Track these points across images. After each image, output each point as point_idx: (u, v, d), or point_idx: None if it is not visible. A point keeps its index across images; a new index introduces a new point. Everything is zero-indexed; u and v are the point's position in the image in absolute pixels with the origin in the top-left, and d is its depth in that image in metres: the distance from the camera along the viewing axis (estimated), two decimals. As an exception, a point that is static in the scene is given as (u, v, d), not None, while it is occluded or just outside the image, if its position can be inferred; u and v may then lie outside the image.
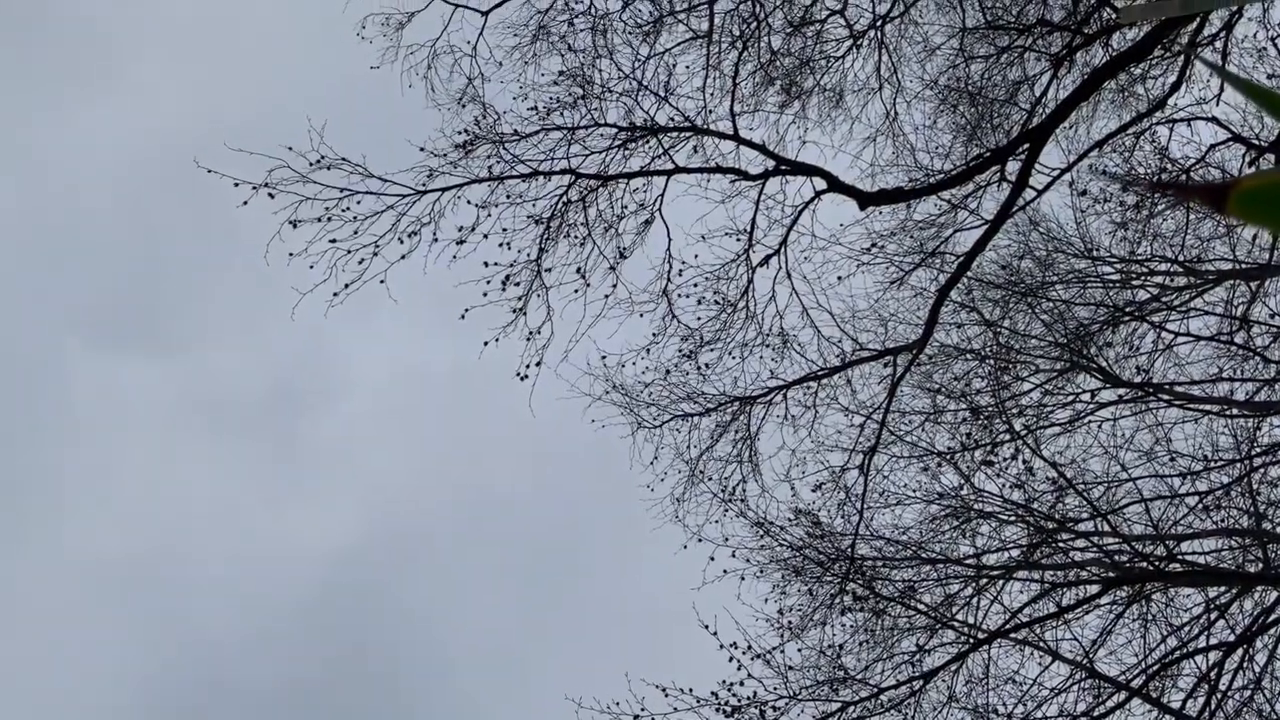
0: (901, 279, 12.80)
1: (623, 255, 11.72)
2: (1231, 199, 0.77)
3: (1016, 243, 12.93)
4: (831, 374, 12.37)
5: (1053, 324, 12.45)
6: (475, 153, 11.27)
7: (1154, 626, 11.14)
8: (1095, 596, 11.10)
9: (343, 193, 10.55)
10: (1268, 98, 1.02)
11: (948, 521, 12.03)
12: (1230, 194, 0.76)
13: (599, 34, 12.57)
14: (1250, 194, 0.77)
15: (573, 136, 11.54)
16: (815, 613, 11.83)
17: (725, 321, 12.21)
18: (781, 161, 11.54)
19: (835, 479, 12.28)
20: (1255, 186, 0.76)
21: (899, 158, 13.49)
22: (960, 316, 12.87)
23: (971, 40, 12.87)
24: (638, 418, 12.67)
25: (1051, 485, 11.50)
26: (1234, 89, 1.11)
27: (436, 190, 10.96)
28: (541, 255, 11.43)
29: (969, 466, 11.96)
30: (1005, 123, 12.77)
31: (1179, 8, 2.29)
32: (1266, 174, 0.73)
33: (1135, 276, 12.50)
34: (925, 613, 11.49)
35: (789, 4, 13.29)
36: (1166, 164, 11.87)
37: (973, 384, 12.71)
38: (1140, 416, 11.95)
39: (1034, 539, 11.60)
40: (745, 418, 12.57)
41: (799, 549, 12.14)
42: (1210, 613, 10.85)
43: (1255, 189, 0.76)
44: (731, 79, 12.62)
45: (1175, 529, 11.48)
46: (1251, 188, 0.77)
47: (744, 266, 11.97)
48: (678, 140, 11.78)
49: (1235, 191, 0.77)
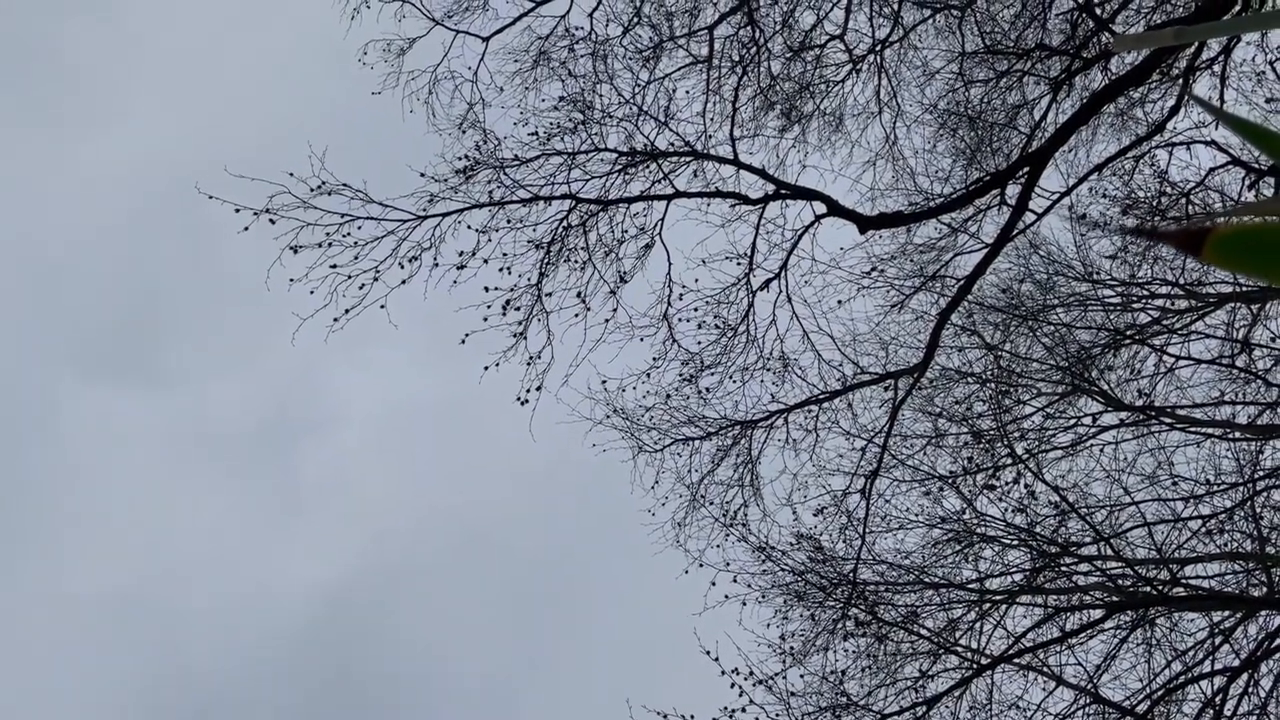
0: (902, 302, 12.81)
1: (623, 279, 11.74)
2: (1207, 245, 0.76)
3: (1017, 266, 12.96)
4: (832, 398, 12.36)
5: (1054, 347, 12.45)
6: (476, 178, 11.32)
7: (1158, 651, 11.08)
8: (1099, 621, 11.04)
9: (343, 218, 10.59)
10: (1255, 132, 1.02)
11: (950, 546, 11.99)
12: (1206, 240, 0.76)
13: (599, 59, 12.65)
14: (1226, 240, 0.76)
15: (573, 161, 11.58)
16: (817, 638, 11.78)
17: (726, 345, 12.22)
18: (781, 185, 11.57)
19: (837, 503, 12.26)
20: (1231, 233, 0.76)
21: (899, 181, 13.53)
22: (961, 340, 12.88)
23: (971, 64, 12.93)
24: (639, 442, 12.66)
25: (1054, 509, 11.46)
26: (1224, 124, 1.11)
27: (437, 215, 10.99)
28: (542, 280, 11.45)
29: (971, 490, 11.93)
30: (1005, 146, 12.82)
31: (1173, 38, 2.30)
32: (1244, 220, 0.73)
33: (1136, 299, 12.51)
34: (928, 638, 11.43)
35: (788, 29, 13.36)
36: (1166, 187, 11.90)
37: (974, 407, 12.70)
38: (1142, 440, 11.93)
39: (1037, 563, 11.55)
40: (746, 442, 12.56)
41: (801, 574, 12.09)
42: (1214, 637, 10.80)
43: (1231, 236, 0.76)
44: (731, 104, 12.68)
45: (1179, 553, 11.43)
46: (1227, 234, 0.76)
47: (744, 290, 11.99)
48: (678, 165, 11.82)
49: (1211, 238, 0.76)
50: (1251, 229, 0.77)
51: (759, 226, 11.65)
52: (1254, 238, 0.77)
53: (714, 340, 12.18)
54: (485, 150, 11.55)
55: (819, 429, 12.40)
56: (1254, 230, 0.77)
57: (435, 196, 11.06)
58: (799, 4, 13.30)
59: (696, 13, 13.15)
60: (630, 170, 11.71)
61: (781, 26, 13.32)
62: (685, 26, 13.11)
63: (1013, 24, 12.84)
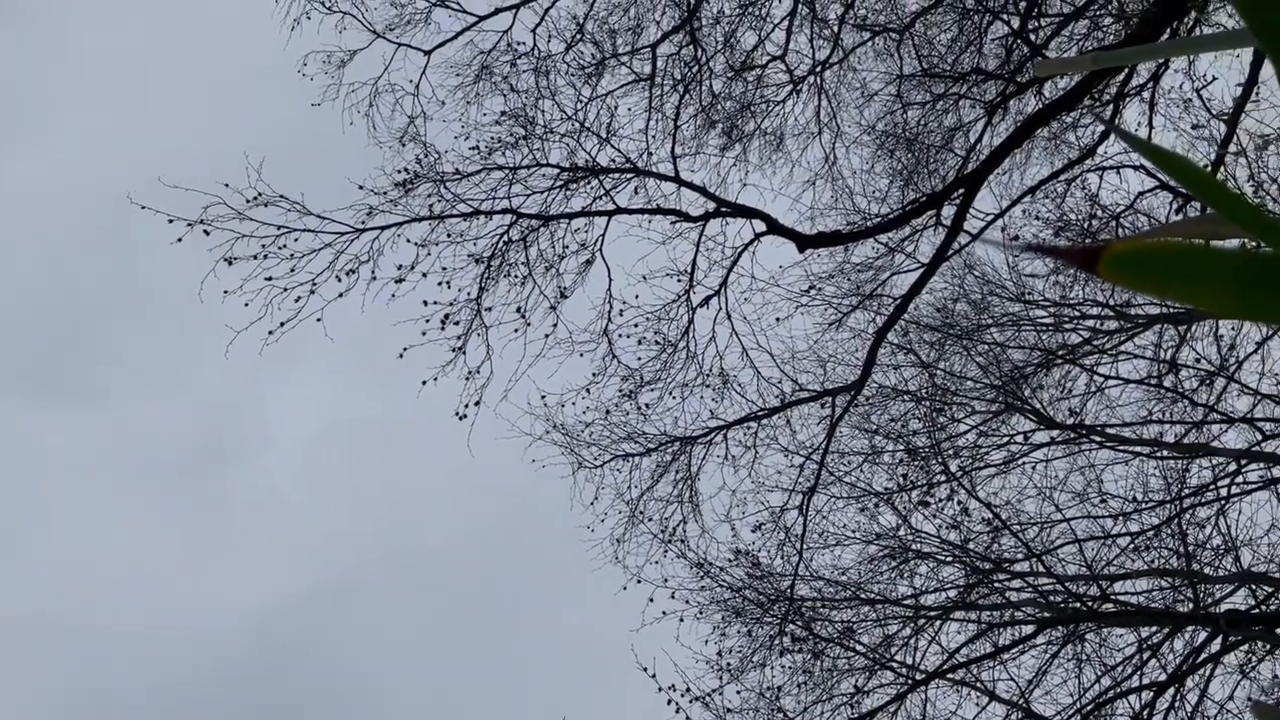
0: (840, 321, 12.94)
1: (563, 295, 11.74)
2: (1102, 262, 0.78)
3: (952, 286, 13.15)
4: (771, 414, 12.44)
5: (987, 366, 12.64)
6: (416, 191, 11.25)
7: (1088, 666, 11.25)
8: (1031, 636, 11.20)
9: (280, 230, 10.47)
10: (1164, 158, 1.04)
11: (886, 562, 12.09)
12: (1101, 257, 0.78)
13: (542, 75, 12.66)
14: (1120, 258, 0.78)
15: (514, 176, 11.56)
16: (754, 654, 11.81)
17: (666, 362, 12.25)
18: (722, 203, 11.65)
19: (775, 519, 12.31)
20: (1123, 251, 0.78)
21: (837, 201, 13.69)
22: (897, 358, 13.02)
23: (908, 87, 13.12)
24: (578, 458, 12.63)
25: (987, 526, 11.61)
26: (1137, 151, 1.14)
27: (376, 228, 10.91)
28: (482, 294, 11.40)
29: (906, 507, 12.06)
30: (941, 168, 13.01)
31: (1091, 63, 2.36)
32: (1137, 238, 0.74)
33: (1068, 320, 12.74)
34: (864, 654, 11.51)
35: (730, 49, 13.48)
36: (1097, 210, 12.15)
37: (910, 425, 12.84)
38: (1073, 458, 12.13)
39: (971, 579, 11.69)
40: (686, 458, 12.59)
41: (739, 590, 12.13)
42: (1143, 652, 10.99)
43: (1123, 254, 0.78)
44: (673, 121, 12.75)
45: (1108, 569, 11.63)
46: (1120, 252, 0.78)
47: (684, 307, 12.04)
48: (619, 181, 11.85)
49: (1106, 255, 0.78)
50: (1145, 246, 0.79)
51: (699, 244, 11.73)
52: (1148, 255, 0.79)
53: (654, 356, 12.22)
54: (426, 164, 11.51)
55: (758, 445, 12.47)
56: (1148, 247, 0.79)
57: (374, 209, 10.98)
58: (741, 24, 13.43)
59: (639, 31, 13.23)
60: (572, 186, 11.72)
61: (723, 46, 13.44)
62: (628, 44, 13.18)
63: (949, 48, 13.07)
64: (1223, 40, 1.62)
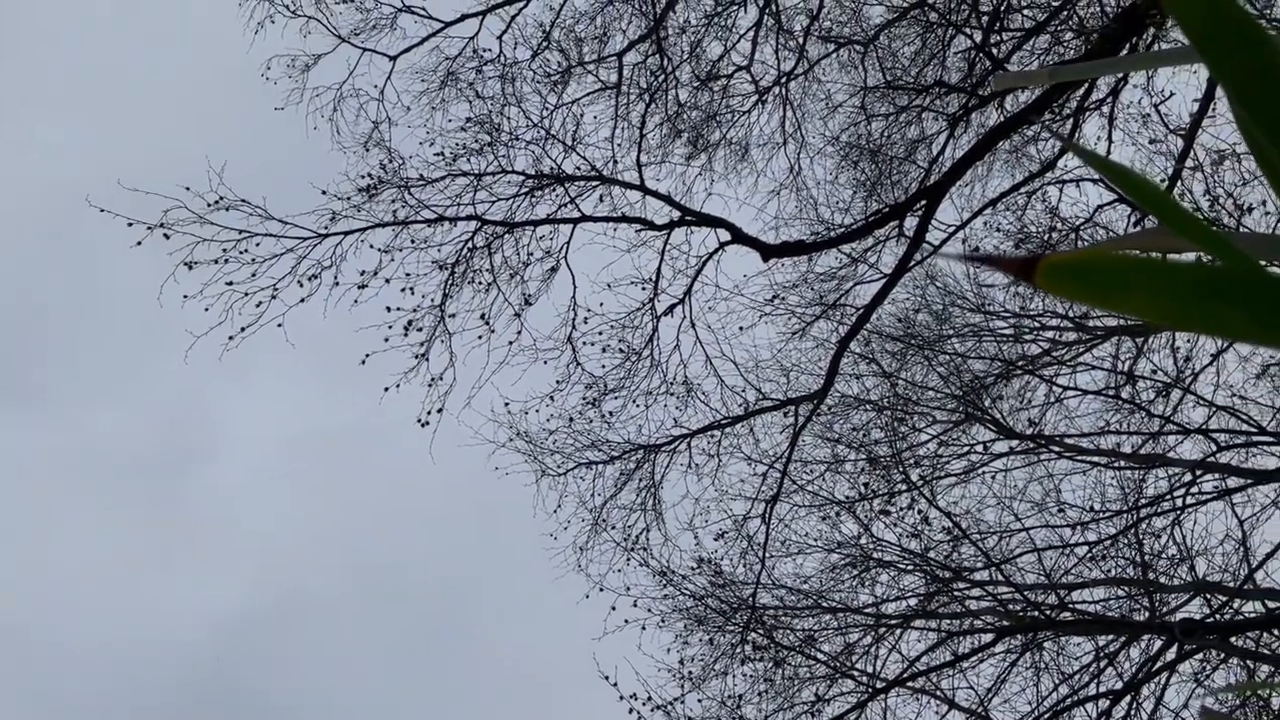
0: (803, 330, 13.01)
1: (528, 302, 11.73)
2: (1039, 272, 0.80)
3: (914, 296, 13.25)
4: (735, 423, 12.48)
5: (948, 376, 12.75)
6: (379, 197, 11.22)
7: (1046, 675, 11.35)
8: (990, 645, 11.29)
9: (241, 234, 10.39)
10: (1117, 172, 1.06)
11: (848, 570, 12.15)
12: (1037, 268, 0.79)
13: (508, 82, 12.66)
14: (1054, 268, 0.80)
15: (479, 183, 11.54)
16: (716, 662, 11.83)
17: (630, 370, 12.27)
18: (687, 212, 11.68)
19: (738, 528, 12.35)
20: (1058, 262, 0.80)
21: (802, 211, 13.77)
22: (860, 368, 13.11)
23: (872, 99, 13.23)
24: (542, 466, 12.61)
25: (947, 535, 11.70)
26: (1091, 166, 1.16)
27: (339, 234, 10.86)
28: (445, 301, 11.37)
29: (867, 516, 12.13)
30: (904, 180, 13.13)
31: (1048, 78, 2.40)
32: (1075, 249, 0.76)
33: (1027, 331, 12.87)
34: (825, 662, 11.56)
35: (696, 59, 13.53)
36: (1057, 223, 12.29)
37: (871, 434, 12.92)
38: (1032, 468, 12.25)
39: (931, 588, 11.77)
40: (649, 466, 12.60)
41: (701, 598, 12.14)
42: (1100, 660, 11.10)
43: (1058, 264, 0.80)
44: (639, 130, 12.79)
45: (1066, 578, 11.74)
46: (1055, 263, 0.80)
47: (649, 315, 12.06)
48: (584, 189, 11.86)
49: (1041, 266, 0.80)
50: (1080, 256, 0.80)
51: (664, 252, 11.76)
52: (1082, 266, 0.80)
53: (618, 364, 12.22)
54: (390, 169, 11.47)
55: (721, 454, 12.51)
56: (1082, 258, 0.81)
57: (337, 215, 10.93)
58: (706, 35, 13.49)
59: (605, 40, 13.26)
60: (537, 193, 11.72)
61: (689, 56, 13.49)
62: (594, 53, 13.21)
63: (913, 61, 13.20)
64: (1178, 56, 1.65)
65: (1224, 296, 0.82)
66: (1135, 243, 1.44)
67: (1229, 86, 0.92)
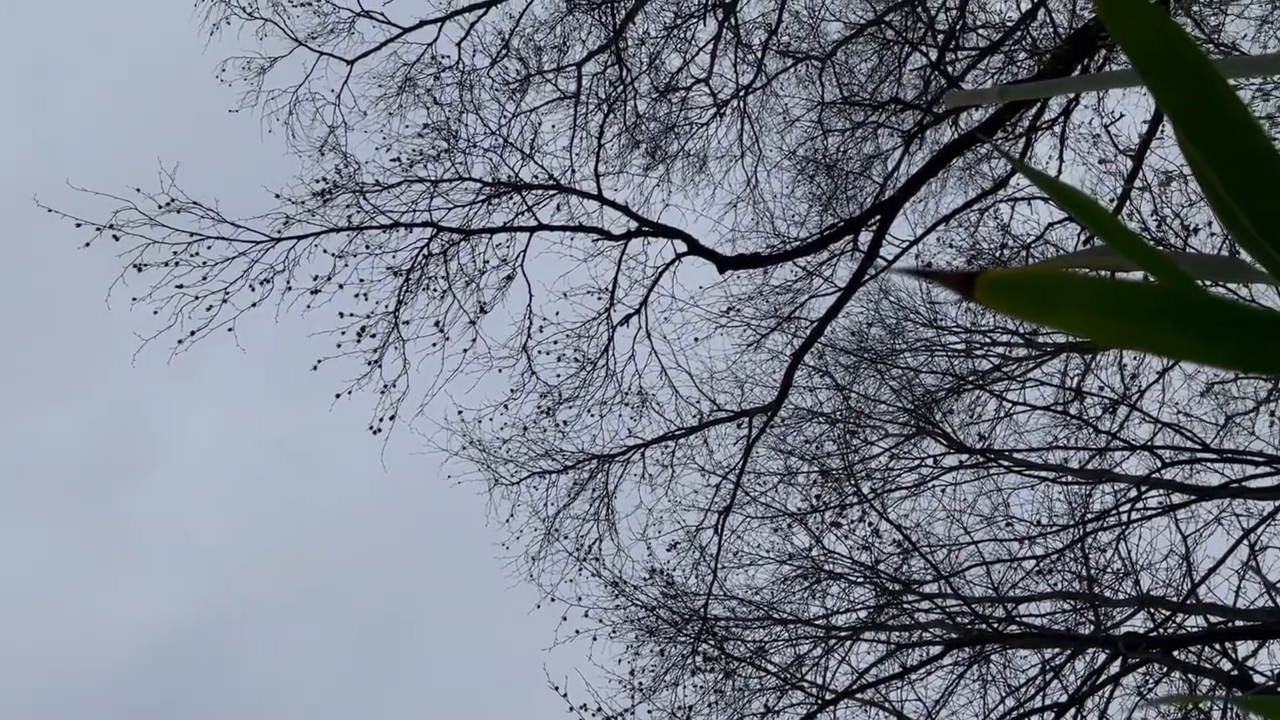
0: (758, 342, 13.07)
1: (483, 310, 11.68)
2: (978, 287, 0.80)
3: (867, 310, 13.36)
4: (689, 434, 12.50)
5: (900, 390, 12.85)
6: (334, 201, 11.13)
7: (993, 687, 11.45)
8: (938, 657, 11.36)
9: (193, 237, 10.27)
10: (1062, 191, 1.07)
11: (799, 582, 12.20)
12: (976, 283, 0.80)
13: (466, 89, 12.63)
14: (992, 283, 0.81)
15: (436, 189, 11.49)
16: (667, 673, 11.82)
17: (585, 379, 12.25)
18: (644, 223, 11.70)
19: (690, 539, 12.36)
20: (997, 277, 0.80)
21: (758, 224, 13.85)
22: (814, 380, 13.18)
23: (829, 114, 13.35)
24: (495, 474, 12.56)
25: (897, 547, 11.78)
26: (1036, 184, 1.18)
27: (292, 238, 10.76)
28: (400, 307, 11.29)
29: (819, 528, 12.19)
30: (859, 194, 13.26)
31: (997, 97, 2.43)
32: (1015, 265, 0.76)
33: (979, 347, 13.01)
34: (775, 673, 11.59)
35: (655, 70, 13.58)
36: (1008, 240, 12.45)
37: (824, 446, 13.00)
38: (981, 482, 12.37)
39: (881, 600, 11.85)
40: (603, 476, 12.59)
41: (653, 609, 12.14)
42: (1046, 674, 11.21)
43: (997, 280, 0.81)
44: (597, 140, 12.81)
45: (1013, 591, 11.86)
46: (994, 278, 0.81)
47: (604, 325, 12.06)
48: (542, 198, 11.85)
49: (981, 281, 0.80)
50: (1018, 273, 0.81)
51: (621, 262, 11.78)
52: (1020, 281, 0.81)
53: (573, 374, 12.21)
54: (345, 174, 11.39)
55: (675, 464, 12.52)
56: (1020, 275, 0.82)
57: (291, 219, 10.83)
58: (666, 46, 13.54)
59: (565, 49, 13.27)
60: (494, 201, 11.69)
61: (648, 67, 13.54)
62: (553, 62, 13.21)
63: (869, 77, 13.32)
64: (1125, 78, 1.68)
65: (1160, 314, 0.83)
66: (1082, 261, 1.46)
67: (1169, 109, 0.94)
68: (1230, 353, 0.84)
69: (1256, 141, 0.92)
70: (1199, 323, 0.84)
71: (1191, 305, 0.84)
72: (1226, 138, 0.91)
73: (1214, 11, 10.73)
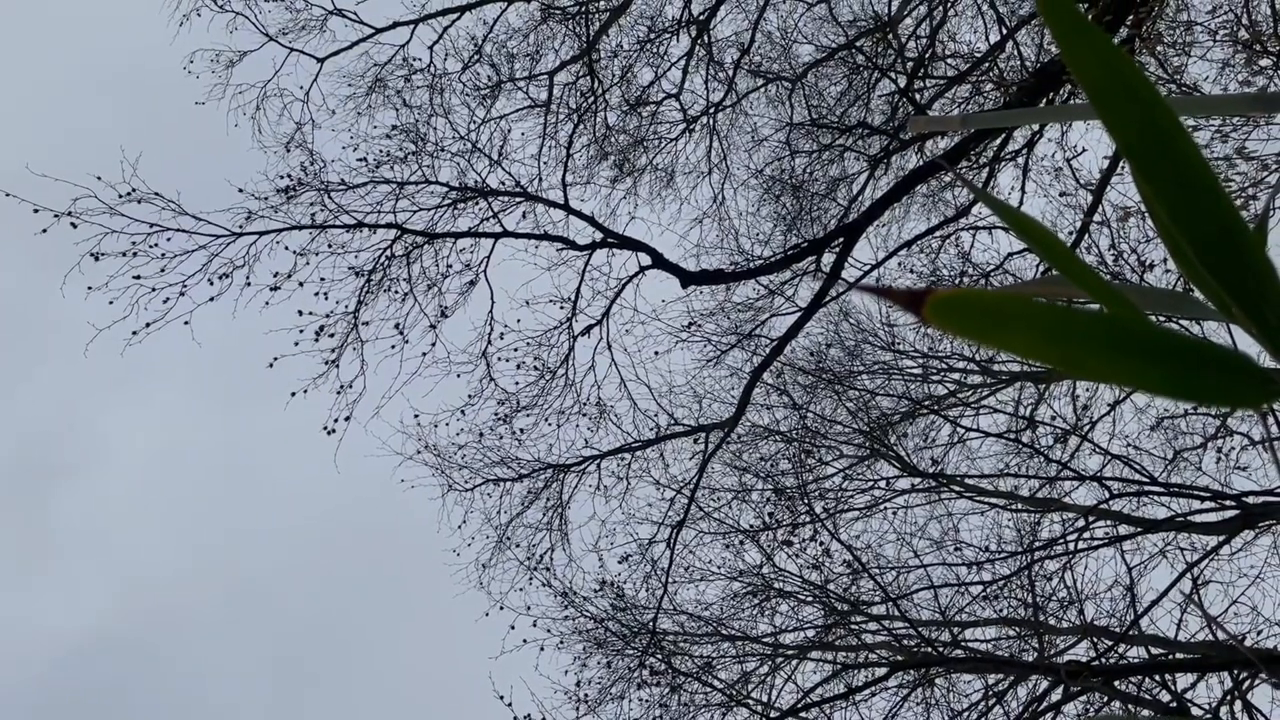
0: (718, 358, 13.11)
1: (444, 314, 11.64)
2: (927, 306, 0.82)
3: (827, 331, 13.45)
4: (645, 447, 12.52)
5: (857, 412, 12.93)
6: (298, 199, 11.06)
7: (936, 710, 11.51)
8: (883, 679, 11.40)
9: (152, 228, 10.16)
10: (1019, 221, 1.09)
11: (748, 599, 12.22)
12: (925, 302, 0.82)
13: (436, 92, 12.60)
14: (941, 303, 0.82)
15: (401, 191, 11.45)
16: (613, 686, 11.80)
17: (543, 388, 12.24)
18: (609, 234, 11.72)
19: (642, 551, 12.36)
20: (946, 297, 0.82)
21: (723, 241, 13.93)
22: (771, 398, 13.24)
23: (797, 135, 13.45)
24: (449, 480, 12.50)
25: (847, 568, 11.84)
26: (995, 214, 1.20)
27: (254, 233, 10.67)
28: (360, 308, 11.23)
29: (770, 546, 12.22)
30: (823, 216, 13.35)
31: (960, 124, 2.46)
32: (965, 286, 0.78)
33: (935, 372, 13.13)
34: (721, 690, 11.59)
35: (627, 83, 13.62)
36: (968, 267, 12.58)
37: (779, 465, 13.05)
38: (933, 506, 12.46)
39: (829, 620, 11.89)
40: (558, 485, 12.57)
41: (602, 621, 12.12)
42: (988, 699, 11.28)
43: (946, 299, 0.82)
44: (566, 149, 12.82)
45: (960, 616, 11.94)
46: (945, 297, 0.82)
47: (566, 334, 12.06)
48: (508, 204, 11.84)
49: (930, 300, 0.82)
50: (966, 293, 0.83)
51: (584, 272, 11.78)
52: (967, 302, 0.83)
53: (532, 382, 12.19)
54: (310, 171, 11.32)
55: (630, 477, 12.53)
56: (968, 294, 0.83)
57: (253, 214, 10.75)
58: (638, 60, 13.60)
59: (537, 57, 13.28)
60: (460, 205, 11.67)
61: (620, 80, 13.58)
62: (525, 69, 13.22)
63: (838, 100, 13.44)
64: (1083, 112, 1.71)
65: (1102, 340, 0.85)
66: (1036, 290, 1.48)
67: (1121, 142, 0.96)
68: (1167, 380, 0.86)
69: (1203, 177, 0.94)
70: (1140, 350, 0.86)
71: (1134, 333, 0.87)
72: (1175, 172, 0.94)
73: (1177, 53, 10.93)
